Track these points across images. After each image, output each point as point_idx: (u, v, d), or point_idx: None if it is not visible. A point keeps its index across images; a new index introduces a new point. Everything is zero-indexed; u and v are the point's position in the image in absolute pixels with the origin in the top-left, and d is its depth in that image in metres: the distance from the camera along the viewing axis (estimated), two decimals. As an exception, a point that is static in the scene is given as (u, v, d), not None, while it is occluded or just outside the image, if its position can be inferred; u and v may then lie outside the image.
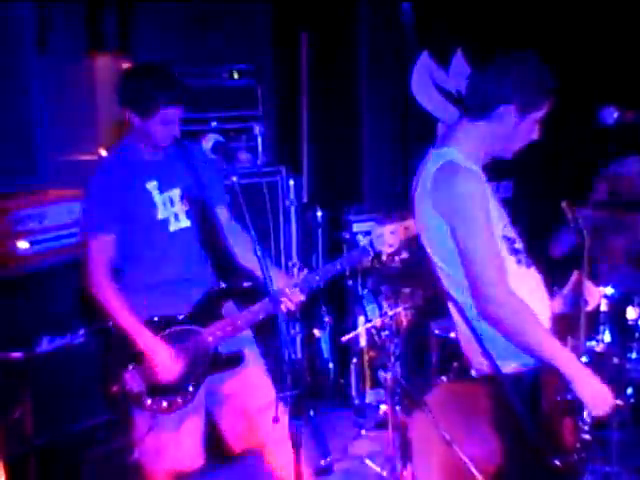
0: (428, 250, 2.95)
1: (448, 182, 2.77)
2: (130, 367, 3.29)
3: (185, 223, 3.42)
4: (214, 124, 5.03)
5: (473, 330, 2.89)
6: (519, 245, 2.92)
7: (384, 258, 3.42)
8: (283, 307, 3.30)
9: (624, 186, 4.67)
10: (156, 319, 3.34)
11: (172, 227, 3.39)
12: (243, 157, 3.18)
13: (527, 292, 2.84)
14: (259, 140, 5.26)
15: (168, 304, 3.36)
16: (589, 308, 3.03)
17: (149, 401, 3.31)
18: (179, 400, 3.32)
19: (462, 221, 2.76)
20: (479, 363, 2.95)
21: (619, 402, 2.85)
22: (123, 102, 3.29)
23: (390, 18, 6.06)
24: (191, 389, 3.35)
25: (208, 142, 3.06)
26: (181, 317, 3.37)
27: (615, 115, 2.88)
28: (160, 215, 3.37)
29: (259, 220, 4.95)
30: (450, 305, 2.99)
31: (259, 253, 2.74)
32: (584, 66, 5.19)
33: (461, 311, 2.92)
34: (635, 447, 4.09)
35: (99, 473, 4.11)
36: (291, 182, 5.34)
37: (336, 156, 6.02)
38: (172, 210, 3.39)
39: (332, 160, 5.99)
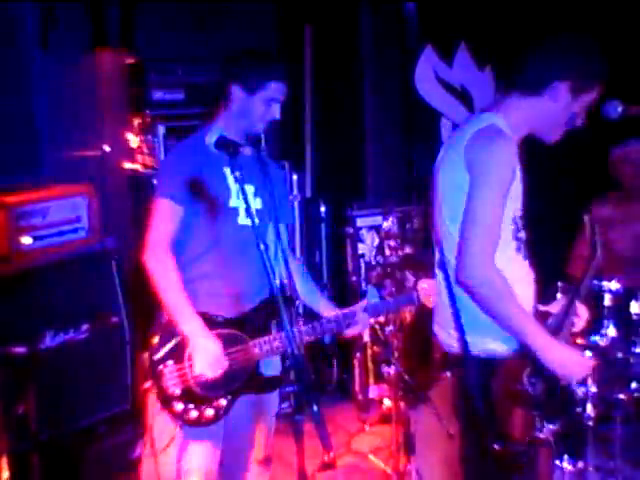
0: (440, 208, 2.94)
1: (485, 141, 2.77)
2: (169, 363, 3.07)
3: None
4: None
5: (452, 299, 2.89)
6: (522, 235, 2.93)
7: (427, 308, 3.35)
8: (351, 331, 3.30)
9: (627, 170, 4.67)
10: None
11: (241, 220, 3.21)
12: (246, 152, 3.13)
13: (517, 279, 2.85)
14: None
15: (216, 302, 3.17)
16: (576, 329, 3.04)
17: (180, 406, 3.06)
18: (210, 413, 3.09)
19: (482, 180, 2.74)
20: (450, 339, 2.95)
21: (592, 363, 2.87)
22: (232, 76, 3.19)
23: (393, 13, 6.06)
24: (225, 403, 3.11)
25: (212, 137, 3.04)
26: (229, 320, 3.15)
27: (620, 109, 2.87)
28: (232, 203, 3.20)
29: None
30: (438, 272, 2.99)
31: (262, 247, 2.72)
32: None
33: (448, 277, 2.92)
34: (638, 442, 4.09)
35: (103, 469, 4.12)
36: (295, 177, 5.34)
37: (339, 151, 6.01)
38: (244, 203, 3.16)
39: (336, 155, 5.98)
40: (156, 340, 3.11)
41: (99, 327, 4.18)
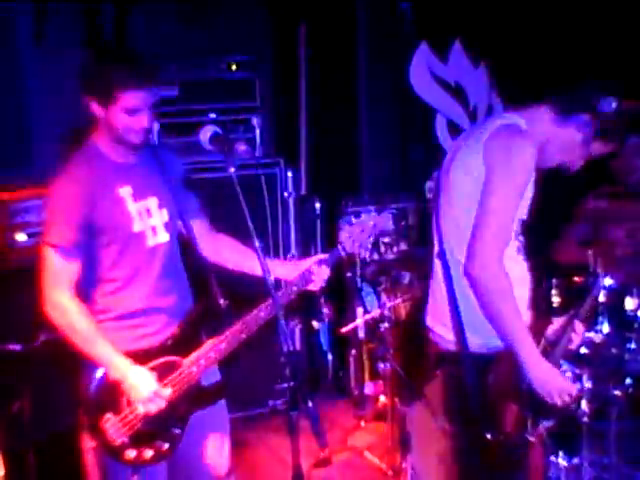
0: (448, 193, 2.94)
1: (508, 138, 2.79)
2: (109, 415, 2.85)
3: (164, 237, 3.01)
4: (212, 115, 5.03)
5: (451, 293, 2.89)
6: (521, 237, 2.95)
7: (361, 257, 3.26)
8: (314, 286, 3.11)
9: (621, 167, 4.71)
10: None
11: (150, 242, 2.98)
12: (241, 148, 3.07)
13: (515, 280, 2.86)
14: (257, 132, 5.26)
15: (142, 335, 2.96)
16: (572, 347, 3.06)
17: (133, 453, 2.87)
18: (166, 447, 2.93)
19: (501, 177, 2.75)
20: (447, 334, 2.94)
21: (576, 391, 2.88)
22: (84, 90, 2.88)
23: (389, 10, 6.05)
24: (178, 431, 2.95)
25: (206, 133, 2.98)
26: (158, 348, 2.95)
27: (613, 105, 2.88)
28: (136, 227, 2.94)
29: (257, 212, 4.94)
30: (438, 265, 2.98)
31: (257, 244, 2.71)
32: (581, 56, 5.18)
33: (447, 270, 2.92)
34: (633, 438, 4.10)
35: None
36: (289, 174, 5.33)
37: (335, 147, 6.00)
38: (149, 222, 2.97)
39: (331, 151, 5.98)
40: (86, 394, 2.89)
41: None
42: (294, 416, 2.58)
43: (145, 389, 2.85)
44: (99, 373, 2.87)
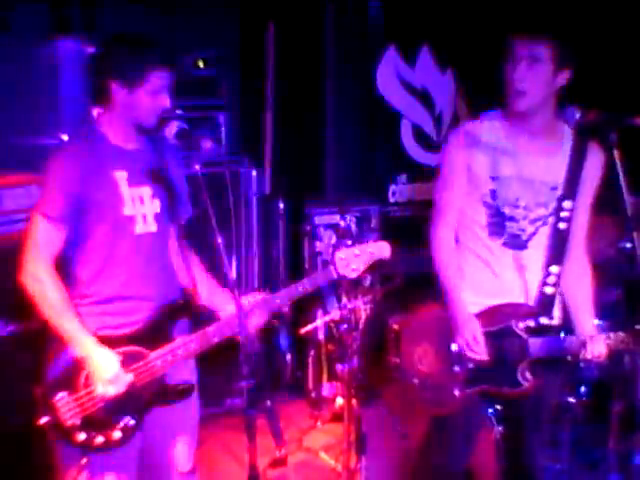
0: None
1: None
2: (63, 394, 2.86)
3: (152, 227, 3.00)
4: (178, 112, 5.00)
5: None
6: (512, 224, 3.10)
7: (349, 278, 3.20)
8: (253, 325, 3.08)
9: None
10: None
11: (138, 229, 2.97)
12: (207, 145, 3.05)
13: (485, 260, 3.15)
14: (223, 130, 5.24)
15: (114, 321, 2.96)
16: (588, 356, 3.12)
17: (82, 436, 2.86)
18: (117, 436, 2.90)
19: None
20: None
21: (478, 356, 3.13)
22: (106, 74, 2.88)
23: (358, 10, 6.07)
24: (132, 423, 2.92)
25: (172, 129, 2.98)
26: (126, 337, 2.94)
27: (577, 115, 2.91)
28: (127, 211, 2.94)
29: (220, 210, 4.91)
30: None
31: (219, 241, 2.70)
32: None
33: None
34: (586, 444, 4.14)
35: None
36: (254, 172, 5.32)
37: (300, 148, 6.00)
38: (141, 209, 2.96)
39: (296, 151, 5.98)
40: (46, 371, 2.90)
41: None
42: (252, 415, 2.58)
43: (108, 370, 2.84)
44: (66, 352, 2.87)
